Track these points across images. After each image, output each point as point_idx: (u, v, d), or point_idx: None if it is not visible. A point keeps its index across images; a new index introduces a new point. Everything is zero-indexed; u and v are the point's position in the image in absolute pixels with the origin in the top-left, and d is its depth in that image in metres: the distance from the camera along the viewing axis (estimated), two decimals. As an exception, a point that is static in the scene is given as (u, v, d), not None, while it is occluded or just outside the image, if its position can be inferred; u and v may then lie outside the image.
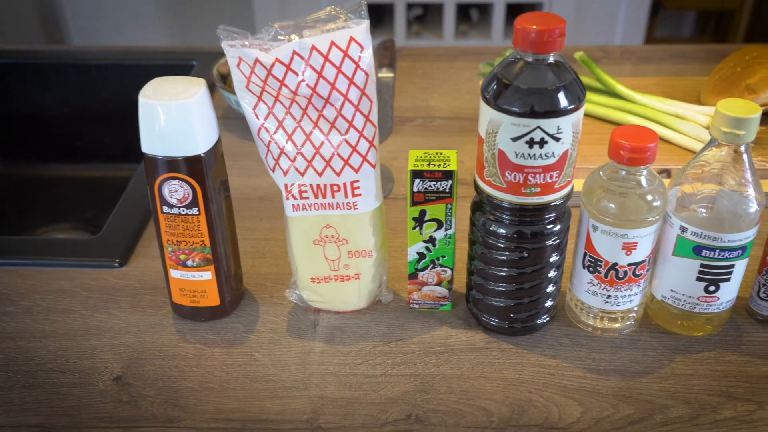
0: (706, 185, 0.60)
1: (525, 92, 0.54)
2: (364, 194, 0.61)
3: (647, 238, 0.60)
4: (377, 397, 0.60)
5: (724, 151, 0.59)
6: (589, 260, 0.63)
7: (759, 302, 0.66)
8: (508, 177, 0.57)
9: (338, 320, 0.68)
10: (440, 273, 0.66)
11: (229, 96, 0.95)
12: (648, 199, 0.60)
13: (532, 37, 0.54)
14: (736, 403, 0.59)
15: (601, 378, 0.62)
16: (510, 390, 0.61)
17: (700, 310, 0.64)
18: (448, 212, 0.63)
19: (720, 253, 0.60)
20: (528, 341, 0.65)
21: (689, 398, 0.60)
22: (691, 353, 0.64)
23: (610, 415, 0.59)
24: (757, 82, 0.86)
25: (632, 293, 0.63)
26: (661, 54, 1.16)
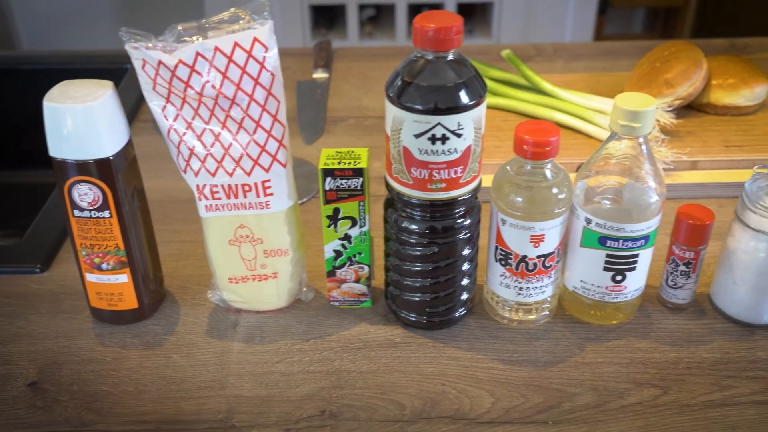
0: (608, 177, 0.62)
1: (425, 90, 0.56)
2: (276, 193, 0.62)
3: (554, 231, 0.62)
4: (293, 395, 0.61)
5: (624, 143, 0.60)
6: (501, 253, 0.64)
7: (668, 290, 0.68)
8: (414, 173, 0.58)
9: (258, 320, 0.68)
10: (358, 270, 0.67)
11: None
12: (554, 191, 0.61)
13: (431, 36, 0.55)
14: (642, 388, 0.61)
15: (513, 368, 0.63)
16: (424, 383, 0.62)
17: (609, 299, 0.65)
18: (362, 209, 0.63)
19: (624, 243, 0.62)
20: (445, 335, 0.66)
21: (597, 385, 0.61)
22: (603, 342, 0.66)
23: (520, 404, 0.60)
24: (674, 77, 0.89)
25: (544, 285, 0.65)
26: (592, 51, 1.18)
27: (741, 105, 0.90)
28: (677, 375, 0.62)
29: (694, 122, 0.90)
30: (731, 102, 0.90)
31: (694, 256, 0.65)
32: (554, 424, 0.58)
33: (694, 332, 0.66)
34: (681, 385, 0.61)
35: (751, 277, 0.65)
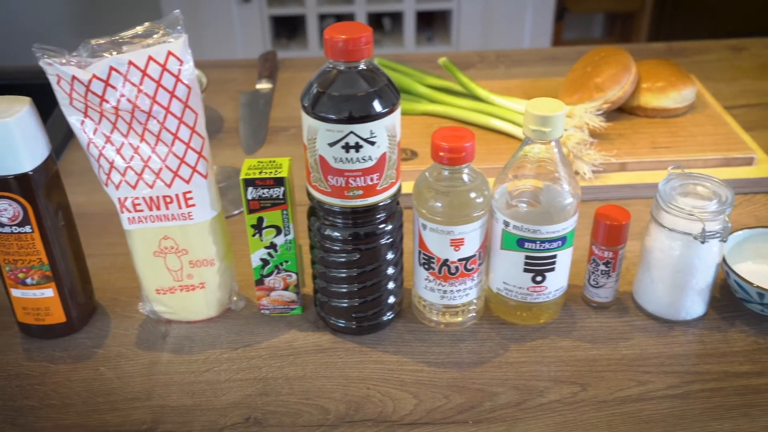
0: (524, 181, 0.63)
1: (336, 99, 0.57)
2: (198, 204, 0.63)
3: (473, 234, 0.63)
4: (219, 403, 0.61)
5: (537, 148, 0.62)
6: (423, 258, 0.65)
7: (591, 290, 0.70)
8: (331, 181, 0.59)
9: (188, 330, 0.69)
10: (286, 278, 0.68)
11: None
12: (472, 196, 0.62)
13: (341, 47, 0.56)
14: (562, 386, 0.62)
15: (438, 370, 0.64)
16: (349, 388, 0.63)
17: (531, 300, 0.67)
18: (285, 218, 0.64)
19: (541, 245, 0.63)
20: (373, 339, 0.67)
21: (518, 384, 0.63)
22: (527, 341, 0.67)
23: (443, 405, 0.61)
24: (604, 81, 0.91)
25: (467, 287, 0.66)
26: (533, 57, 1.20)
27: (669, 107, 0.93)
28: (597, 372, 0.64)
29: (624, 125, 0.93)
30: (660, 104, 0.92)
31: (613, 255, 0.67)
32: (474, 423, 0.59)
33: (616, 330, 0.68)
34: (600, 381, 0.63)
35: (668, 275, 0.66)
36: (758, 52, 1.19)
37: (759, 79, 1.11)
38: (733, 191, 0.64)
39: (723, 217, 0.63)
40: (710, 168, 0.86)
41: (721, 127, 0.91)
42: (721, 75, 1.12)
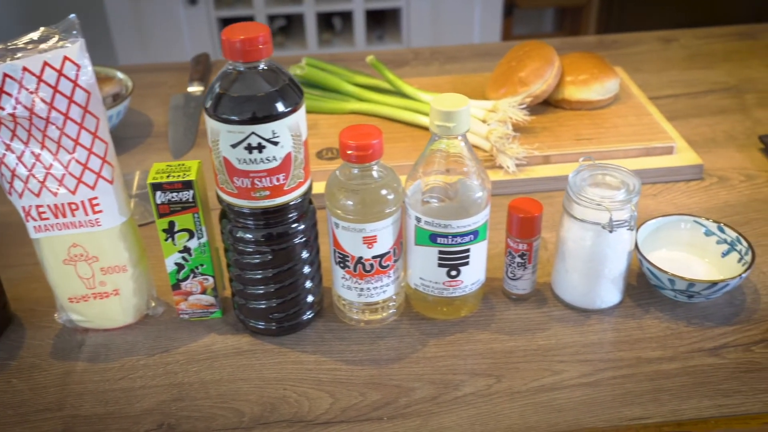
0: (434, 177, 0.64)
1: (236, 100, 0.56)
2: (105, 210, 0.62)
3: (386, 231, 0.63)
4: (132, 410, 0.61)
5: (444, 143, 0.62)
6: (338, 256, 0.65)
7: (509, 282, 0.71)
8: (237, 183, 0.59)
9: (106, 338, 0.68)
10: (202, 281, 0.67)
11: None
12: (383, 193, 0.63)
13: (238, 47, 0.56)
14: (477, 378, 0.63)
15: (355, 368, 0.64)
16: (266, 389, 0.62)
17: (448, 294, 0.67)
18: (197, 221, 0.64)
19: (453, 239, 0.64)
20: (293, 340, 0.67)
21: (435, 379, 0.63)
22: (445, 336, 0.67)
23: (358, 402, 0.61)
24: (527, 75, 0.92)
25: (384, 284, 0.66)
26: (467, 53, 1.21)
27: (593, 99, 0.94)
28: (512, 363, 0.64)
29: (549, 118, 0.94)
30: (584, 97, 0.94)
31: (527, 247, 0.68)
32: (389, 419, 0.60)
33: (534, 321, 0.69)
34: (515, 372, 0.63)
35: (582, 265, 0.67)
36: (687, 43, 1.21)
37: (687, 69, 1.13)
38: (640, 180, 0.65)
39: (630, 206, 0.64)
40: (631, 158, 0.88)
41: (644, 117, 0.93)
42: (650, 66, 1.14)
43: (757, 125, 0.97)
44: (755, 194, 0.84)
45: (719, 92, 1.05)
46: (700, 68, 1.12)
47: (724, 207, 0.83)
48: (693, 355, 0.64)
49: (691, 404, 0.60)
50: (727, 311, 0.69)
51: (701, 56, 1.16)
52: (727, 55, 1.16)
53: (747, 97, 1.04)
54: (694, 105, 1.02)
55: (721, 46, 1.19)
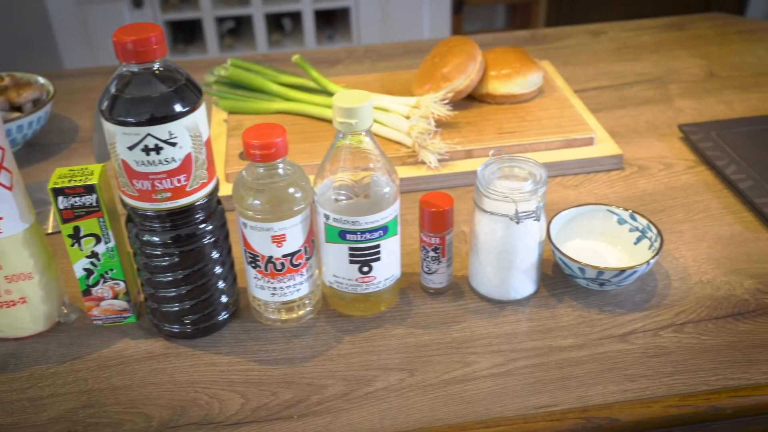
0: (341, 174, 0.64)
1: (130, 102, 0.56)
2: (6, 217, 0.61)
3: (295, 229, 0.63)
4: (39, 420, 0.60)
5: (349, 140, 0.62)
6: (249, 256, 0.65)
7: (425, 276, 0.71)
8: (137, 185, 0.59)
9: (15, 347, 0.67)
10: (113, 286, 0.67)
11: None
12: (290, 191, 0.62)
13: (130, 49, 0.55)
14: (390, 373, 0.63)
15: (269, 368, 0.64)
16: (177, 392, 0.62)
17: (362, 290, 0.67)
18: (102, 225, 0.63)
19: (362, 236, 0.64)
20: (208, 342, 0.67)
21: (347, 375, 0.63)
22: (361, 332, 0.67)
23: (269, 402, 0.61)
24: (450, 71, 0.92)
25: (297, 283, 0.66)
26: (401, 50, 1.21)
27: (517, 93, 0.95)
28: (425, 357, 0.65)
29: (474, 112, 0.94)
30: (507, 91, 0.94)
31: (440, 241, 0.68)
32: (299, 417, 0.60)
33: (449, 314, 0.69)
34: (428, 366, 0.64)
35: (494, 257, 0.68)
36: (616, 36, 1.23)
37: (614, 61, 1.14)
38: (547, 171, 0.66)
39: (536, 197, 0.65)
40: (553, 150, 0.89)
41: (567, 110, 0.94)
42: (578, 59, 1.15)
43: (679, 115, 0.99)
44: (673, 182, 0.86)
45: (644, 83, 1.07)
46: (627, 60, 1.14)
47: (642, 195, 0.84)
48: (603, 342, 0.65)
49: (598, 390, 0.61)
50: (638, 298, 0.70)
51: (629, 48, 1.18)
52: (655, 46, 1.18)
53: (671, 88, 1.06)
54: (620, 96, 1.04)
55: (649, 38, 1.21)
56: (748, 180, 0.83)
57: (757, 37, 1.20)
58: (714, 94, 1.03)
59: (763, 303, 0.69)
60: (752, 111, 0.98)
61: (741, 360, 0.63)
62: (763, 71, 1.09)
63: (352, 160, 0.63)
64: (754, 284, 0.71)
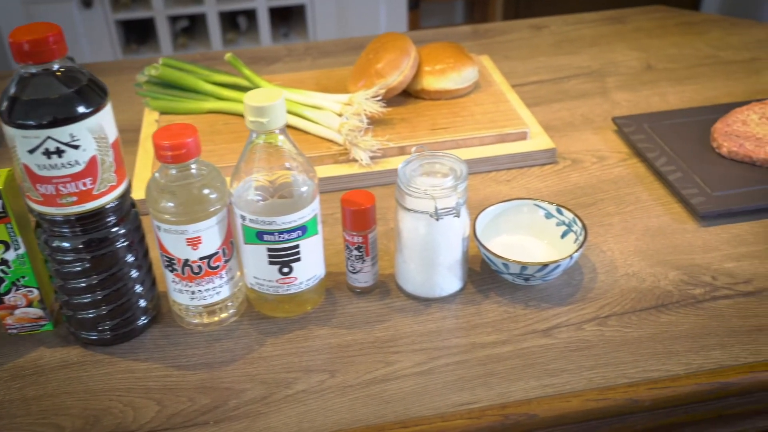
0: (257, 174, 0.63)
1: (29, 104, 0.54)
2: None
3: (210, 231, 0.62)
4: (-55, 434, 0.58)
5: (262, 139, 0.61)
6: (166, 260, 0.63)
7: (351, 276, 0.70)
8: (41, 189, 0.57)
9: (-75, 359, 0.65)
10: (27, 294, 0.65)
11: None
12: (205, 192, 0.61)
13: (26, 49, 0.53)
14: (311, 375, 0.62)
15: (187, 373, 0.63)
16: (91, 401, 0.60)
17: (283, 292, 0.66)
18: (11, 232, 0.61)
19: (280, 236, 0.63)
20: (126, 348, 0.65)
21: (267, 379, 0.62)
22: (284, 334, 0.66)
23: (186, 408, 0.60)
24: (383, 67, 0.91)
25: (216, 286, 0.65)
26: (341, 47, 1.20)
27: (451, 88, 0.94)
28: (348, 357, 0.64)
29: (408, 109, 0.94)
30: (442, 86, 0.94)
31: (363, 240, 0.67)
32: (216, 423, 0.58)
33: (374, 313, 0.68)
34: (349, 366, 0.63)
35: (418, 255, 0.67)
36: (557, 30, 1.23)
37: (553, 55, 1.14)
38: (467, 166, 0.66)
39: (456, 194, 0.64)
40: (487, 145, 0.88)
41: (501, 104, 0.94)
42: (519, 53, 1.15)
43: (614, 107, 0.99)
44: (605, 175, 0.86)
45: (582, 77, 1.07)
46: (567, 54, 1.14)
47: (574, 189, 0.84)
48: (526, 338, 0.65)
49: (519, 386, 0.60)
50: (564, 292, 0.70)
51: (569, 42, 1.18)
52: (595, 39, 1.19)
53: (608, 81, 1.06)
54: (557, 90, 1.04)
55: (589, 32, 1.21)
56: (677, 171, 0.83)
57: (696, 29, 1.21)
58: (650, 86, 1.04)
59: (686, 294, 0.69)
60: (686, 103, 0.99)
61: (661, 352, 0.63)
62: (699, 63, 1.10)
63: (267, 160, 0.62)
64: (678, 275, 0.71)
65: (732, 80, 1.04)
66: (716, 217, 0.78)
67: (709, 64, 1.09)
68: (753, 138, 0.85)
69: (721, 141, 0.85)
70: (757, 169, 0.83)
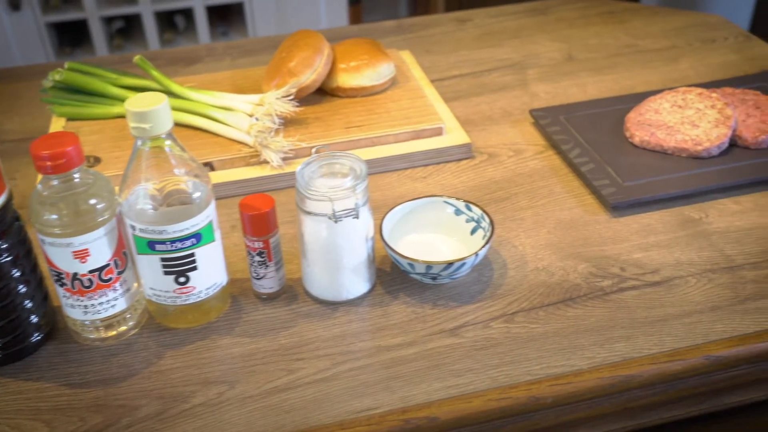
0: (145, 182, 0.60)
1: None
2: None
3: (98, 243, 0.59)
4: None
5: (149, 146, 0.59)
6: (54, 274, 0.61)
7: (255, 282, 0.68)
8: None
9: None
10: None
11: None
12: (91, 202, 0.59)
13: None
14: (210, 387, 0.60)
15: (81, 392, 0.60)
16: (-25, 426, 0.58)
17: (181, 302, 0.64)
18: None
19: (173, 245, 0.61)
20: (18, 368, 0.62)
21: (164, 393, 0.60)
22: (185, 345, 0.64)
23: (77, 428, 0.57)
24: (296, 65, 0.89)
25: (110, 299, 0.62)
26: (263, 45, 1.18)
27: (367, 85, 0.93)
28: (250, 367, 0.62)
29: (323, 107, 0.92)
30: (357, 83, 0.92)
31: (264, 245, 0.65)
32: (107, 443, 0.56)
33: (280, 319, 0.67)
34: (250, 376, 0.61)
35: (321, 258, 0.66)
36: (481, 22, 1.22)
37: (476, 48, 1.14)
38: (366, 165, 0.64)
39: (354, 195, 0.63)
40: (402, 142, 0.87)
41: (418, 100, 0.93)
42: (442, 47, 1.14)
43: (533, 99, 0.99)
44: (520, 168, 0.86)
45: (503, 69, 1.07)
46: (489, 47, 1.14)
47: (489, 184, 0.83)
48: (432, 338, 0.64)
49: (422, 389, 0.59)
50: (474, 289, 0.69)
51: (492, 35, 1.18)
52: (517, 32, 1.18)
53: (528, 73, 1.06)
54: (478, 84, 1.03)
55: (512, 24, 1.21)
56: (590, 163, 0.83)
57: (617, 18, 1.21)
58: (570, 77, 1.04)
59: (594, 286, 0.69)
60: (604, 92, 0.99)
61: (567, 347, 0.62)
62: (618, 52, 1.10)
63: (155, 167, 0.60)
64: (587, 268, 0.71)
65: (649, 69, 1.05)
66: (627, 208, 0.78)
67: (628, 53, 1.09)
68: (664, 126, 0.85)
69: (633, 130, 0.86)
70: (668, 158, 0.83)
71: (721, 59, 1.07)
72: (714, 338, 0.63)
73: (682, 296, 0.67)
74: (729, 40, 1.12)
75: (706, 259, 0.71)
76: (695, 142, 0.82)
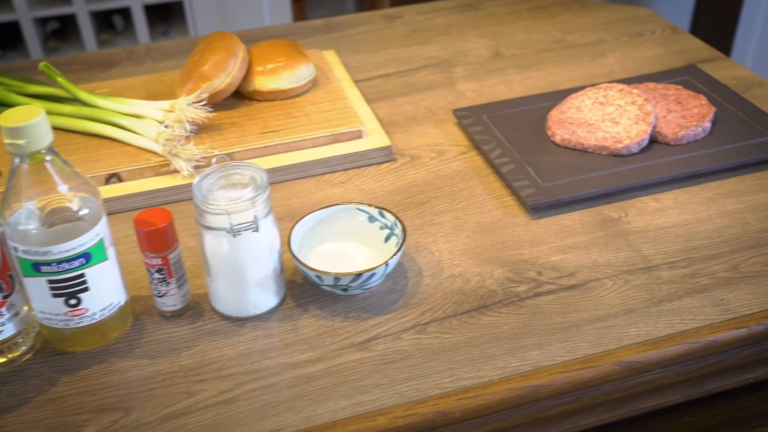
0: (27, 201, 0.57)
1: None
2: None
3: (-23, 267, 0.56)
4: None
5: (27, 163, 0.56)
6: (-68, 302, 0.57)
7: (157, 300, 0.65)
8: None
9: None
10: None
11: None
12: (-33, 225, 0.55)
13: None
14: (103, 415, 0.57)
15: (-36, 426, 0.57)
16: None
17: (74, 325, 0.61)
18: None
19: (60, 266, 0.57)
20: None
21: (54, 423, 0.57)
22: (80, 370, 0.61)
23: (-44, 466, 0.54)
24: (209, 69, 0.86)
25: (-4, 325, 0.59)
26: (187, 47, 1.14)
27: (286, 88, 0.90)
28: (147, 391, 0.59)
29: (240, 112, 0.89)
30: (275, 86, 0.89)
31: (163, 262, 0.62)
32: (-12, 481, 0.53)
33: (182, 339, 0.64)
34: (147, 401, 0.58)
35: (223, 273, 0.63)
36: (411, 19, 1.20)
37: (404, 46, 1.11)
38: (267, 174, 0.61)
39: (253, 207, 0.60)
40: (320, 146, 0.84)
41: (338, 102, 0.90)
42: (369, 46, 1.12)
43: (459, 98, 0.97)
44: (442, 170, 0.84)
45: (430, 68, 1.05)
46: (418, 44, 1.12)
47: (409, 187, 0.81)
48: (341, 353, 0.62)
49: (328, 407, 0.57)
50: (387, 299, 0.67)
51: (421, 32, 1.15)
52: (447, 28, 1.16)
53: (455, 71, 1.04)
54: (403, 83, 1.01)
55: (442, 20, 1.19)
56: (510, 163, 0.81)
57: (547, 12, 1.20)
58: (496, 74, 1.02)
59: (510, 292, 0.67)
60: (530, 90, 0.98)
61: (478, 357, 0.61)
62: (547, 48, 1.09)
63: (37, 184, 0.56)
64: (504, 273, 0.69)
65: (576, 64, 1.04)
66: (546, 209, 0.77)
67: (556, 49, 1.08)
68: (585, 124, 0.84)
69: (554, 129, 0.84)
70: (589, 156, 0.82)
71: (648, 53, 1.06)
72: (627, 343, 0.61)
73: (597, 300, 0.66)
74: (656, 34, 1.12)
75: (624, 260, 0.70)
76: (615, 140, 0.81)
